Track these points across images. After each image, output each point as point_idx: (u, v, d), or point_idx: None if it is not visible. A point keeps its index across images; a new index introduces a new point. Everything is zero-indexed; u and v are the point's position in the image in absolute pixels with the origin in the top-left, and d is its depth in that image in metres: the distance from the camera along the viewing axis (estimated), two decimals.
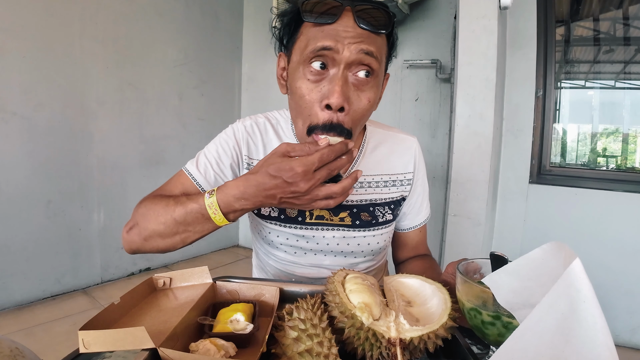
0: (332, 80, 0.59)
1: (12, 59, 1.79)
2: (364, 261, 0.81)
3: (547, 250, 0.42)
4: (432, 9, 2.20)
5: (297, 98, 0.63)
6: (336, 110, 0.59)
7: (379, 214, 0.78)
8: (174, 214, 0.62)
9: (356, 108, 0.62)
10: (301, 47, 0.62)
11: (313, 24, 0.61)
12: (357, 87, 0.61)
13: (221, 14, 2.81)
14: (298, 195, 0.55)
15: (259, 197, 0.57)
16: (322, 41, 0.59)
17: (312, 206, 0.57)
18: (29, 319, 1.79)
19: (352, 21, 0.59)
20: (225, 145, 0.75)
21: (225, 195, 0.59)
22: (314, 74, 0.61)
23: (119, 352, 0.43)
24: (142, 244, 0.66)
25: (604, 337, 0.30)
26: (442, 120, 2.22)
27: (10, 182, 1.83)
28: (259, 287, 0.58)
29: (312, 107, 0.61)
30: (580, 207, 1.88)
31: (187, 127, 2.65)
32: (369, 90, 0.63)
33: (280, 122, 0.80)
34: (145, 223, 0.65)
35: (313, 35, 0.60)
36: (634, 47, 1.94)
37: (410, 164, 0.82)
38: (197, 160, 0.75)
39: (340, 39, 0.59)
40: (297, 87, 0.62)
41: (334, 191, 0.56)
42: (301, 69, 0.62)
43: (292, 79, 0.65)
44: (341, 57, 0.59)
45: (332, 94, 0.58)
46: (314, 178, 0.53)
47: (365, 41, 0.59)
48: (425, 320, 0.48)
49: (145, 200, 0.68)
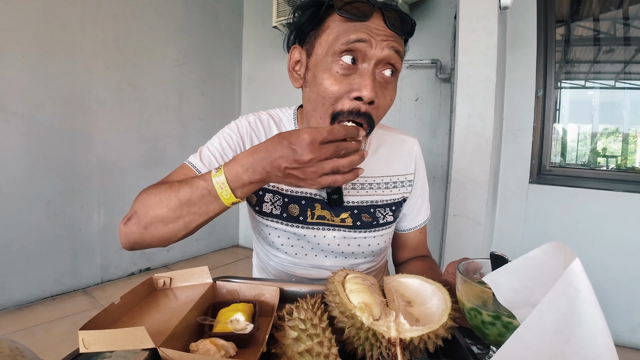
0: (363, 74, 0.61)
1: (12, 59, 1.79)
2: (364, 262, 0.81)
3: (547, 250, 0.42)
4: (432, 9, 2.20)
5: (321, 90, 0.63)
6: (366, 103, 0.61)
7: (380, 215, 0.78)
8: (178, 194, 0.59)
9: (382, 104, 0.64)
10: (329, 40, 0.63)
11: (344, 19, 0.62)
12: (382, 85, 0.64)
13: (221, 14, 2.81)
14: (303, 167, 0.52)
15: (267, 166, 0.54)
16: (356, 34, 0.60)
17: (319, 182, 0.54)
18: (29, 319, 1.79)
19: (382, 22, 0.62)
20: (229, 139, 0.75)
21: (233, 167, 0.56)
22: (344, 68, 0.62)
23: (119, 352, 0.43)
24: (142, 233, 0.61)
25: (604, 337, 0.30)
26: (442, 120, 2.22)
27: (10, 182, 1.83)
28: (259, 287, 0.58)
29: (339, 97, 0.62)
30: (580, 207, 1.88)
31: (187, 127, 2.65)
32: (392, 89, 0.66)
33: (283, 119, 0.79)
34: (145, 210, 0.61)
35: (344, 29, 0.62)
36: (634, 47, 1.94)
37: (411, 165, 0.82)
38: (200, 153, 0.74)
39: (374, 35, 0.61)
40: (323, 79, 0.63)
41: (342, 164, 0.53)
42: (329, 61, 0.62)
43: (316, 70, 0.65)
44: (373, 53, 0.61)
45: (364, 87, 0.60)
46: (320, 150, 0.51)
47: (396, 41, 0.63)
48: (425, 320, 0.48)
49: (146, 189, 0.65)
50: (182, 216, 0.59)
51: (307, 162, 0.52)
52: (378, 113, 0.64)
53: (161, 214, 0.60)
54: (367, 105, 0.61)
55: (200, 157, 0.73)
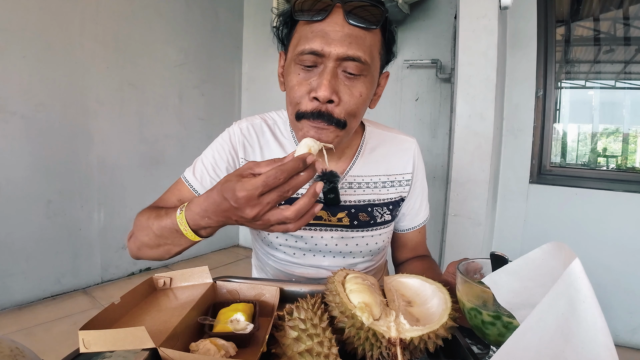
0: (322, 74, 0.61)
1: (12, 59, 1.79)
2: (363, 261, 0.81)
3: (547, 250, 0.42)
4: (432, 9, 2.20)
5: (288, 92, 0.66)
6: (324, 102, 0.61)
7: (378, 214, 0.78)
8: (153, 227, 0.63)
9: (347, 101, 0.63)
10: (294, 44, 0.64)
11: (305, 22, 0.62)
12: (347, 82, 0.62)
13: (221, 14, 2.81)
14: (249, 223, 0.51)
15: (219, 216, 0.53)
16: (310, 43, 0.60)
17: (271, 230, 0.52)
18: (29, 319, 1.79)
19: (341, 18, 0.60)
20: (221, 150, 0.76)
21: (191, 212, 0.57)
22: (304, 71, 0.63)
23: (119, 352, 0.43)
24: (138, 252, 0.69)
25: (603, 337, 0.30)
26: (442, 120, 2.22)
27: (10, 182, 1.83)
28: (259, 287, 0.58)
29: (301, 97, 0.63)
30: (580, 207, 1.88)
31: (187, 127, 2.65)
32: (360, 85, 0.63)
33: (278, 122, 0.79)
34: (137, 233, 0.67)
35: (304, 35, 0.62)
36: (634, 47, 1.94)
37: (409, 165, 0.82)
38: (194, 167, 0.76)
39: (328, 41, 0.60)
40: (290, 84, 0.65)
41: (286, 216, 0.49)
42: (292, 65, 0.64)
43: (286, 73, 0.67)
44: (329, 51, 0.60)
45: (319, 87, 0.60)
46: (261, 203, 0.48)
47: (354, 42, 0.60)
48: (425, 320, 0.48)
49: (143, 211, 0.71)
50: (161, 245, 0.64)
51: (252, 219, 0.49)
52: (347, 110, 0.63)
53: (146, 240, 0.65)
54: (327, 105, 0.61)
55: (193, 171, 0.76)
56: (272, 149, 0.77)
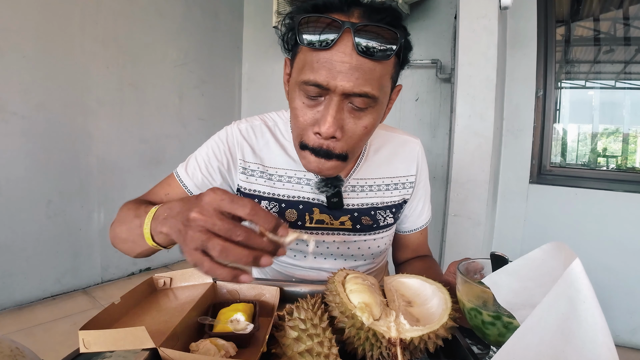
0: (327, 107, 0.57)
1: (12, 59, 1.79)
2: (364, 264, 0.81)
3: (547, 250, 0.42)
4: (432, 9, 2.20)
5: (293, 114, 0.63)
6: (327, 138, 0.59)
7: (380, 217, 0.77)
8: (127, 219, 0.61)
9: (351, 134, 0.60)
10: (299, 66, 0.60)
11: None
12: (353, 115, 0.59)
13: (221, 14, 2.81)
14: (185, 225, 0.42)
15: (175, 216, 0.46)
16: (314, 74, 0.55)
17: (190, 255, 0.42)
18: (29, 319, 1.79)
19: (350, 47, 0.54)
20: (216, 149, 0.75)
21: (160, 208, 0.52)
22: (309, 99, 0.59)
23: (119, 352, 0.43)
24: (113, 241, 0.67)
25: (604, 337, 0.30)
26: (442, 120, 2.22)
27: (10, 182, 1.83)
28: (259, 287, 0.58)
29: (305, 129, 0.61)
30: (580, 207, 1.88)
31: (187, 127, 2.65)
32: (366, 118, 0.60)
33: (278, 123, 0.78)
34: (115, 223, 0.66)
35: (309, 61, 0.57)
36: (634, 47, 1.94)
37: (412, 167, 0.81)
38: (187, 163, 0.75)
39: (334, 75, 0.54)
40: (294, 107, 0.61)
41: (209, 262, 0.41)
42: (297, 90, 0.60)
43: (290, 91, 0.63)
44: (335, 85, 0.55)
45: (323, 123, 0.57)
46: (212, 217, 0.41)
47: (362, 77, 0.54)
48: (425, 320, 0.48)
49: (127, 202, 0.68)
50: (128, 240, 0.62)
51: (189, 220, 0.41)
52: (349, 143, 0.61)
53: (118, 231, 0.64)
54: (329, 141, 0.59)
55: (186, 167, 0.74)
56: (272, 150, 0.76)
